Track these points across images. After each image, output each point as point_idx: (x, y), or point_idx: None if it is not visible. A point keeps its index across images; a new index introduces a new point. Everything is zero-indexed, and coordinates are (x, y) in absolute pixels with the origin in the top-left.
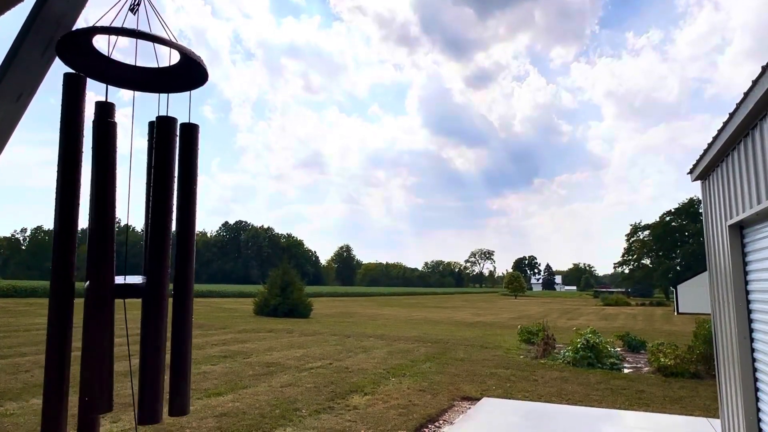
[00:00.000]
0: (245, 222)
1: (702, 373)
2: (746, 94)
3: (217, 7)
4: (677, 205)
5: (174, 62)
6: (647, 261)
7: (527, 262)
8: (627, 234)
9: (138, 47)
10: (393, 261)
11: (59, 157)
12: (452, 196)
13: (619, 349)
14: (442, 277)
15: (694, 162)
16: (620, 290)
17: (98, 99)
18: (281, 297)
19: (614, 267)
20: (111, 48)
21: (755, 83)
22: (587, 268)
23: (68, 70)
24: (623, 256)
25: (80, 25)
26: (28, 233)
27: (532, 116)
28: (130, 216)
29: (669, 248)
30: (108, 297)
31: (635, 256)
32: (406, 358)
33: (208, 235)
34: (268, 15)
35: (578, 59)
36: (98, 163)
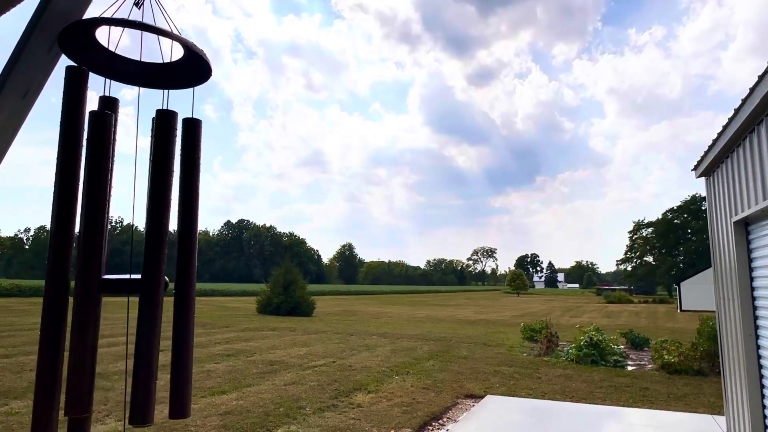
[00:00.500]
0: (247, 221)
1: (706, 371)
2: (752, 90)
3: (218, 6)
4: (680, 203)
5: (177, 58)
6: (650, 258)
7: (529, 260)
8: (630, 231)
9: (140, 45)
10: (395, 259)
11: (58, 153)
12: (454, 194)
13: (623, 347)
14: (445, 275)
15: (699, 158)
16: (623, 288)
17: (102, 98)
18: (284, 295)
19: (617, 264)
20: (116, 43)
21: (761, 78)
22: (590, 266)
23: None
24: (626, 254)
25: None
26: (32, 233)
27: (534, 114)
28: (135, 216)
29: (672, 245)
30: (93, 292)
31: (638, 254)
32: (410, 356)
33: (211, 234)
34: (269, 13)
35: (580, 56)
36: (91, 154)
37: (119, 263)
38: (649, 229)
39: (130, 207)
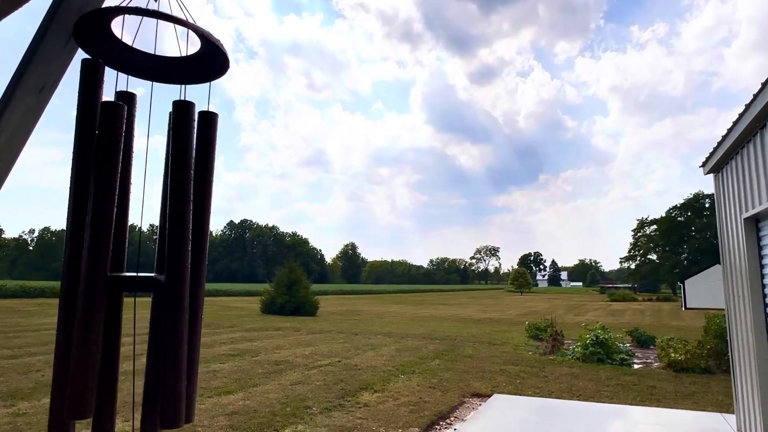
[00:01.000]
0: (250, 221)
1: (713, 368)
2: (764, 85)
3: (219, 6)
4: (683, 200)
5: (193, 51)
6: (654, 256)
7: (533, 259)
8: (633, 229)
9: (154, 37)
10: (398, 258)
11: (74, 148)
12: (457, 193)
13: (628, 345)
14: (448, 274)
15: (707, 155)
16: (626, 286)
17: (118, 93)
18: (288, 295)
19: (620, 262)
20: (132, 35)
21: None
22: (593, 264)
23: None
24: (629, 252)
25: None
26: (36, 234)
27: (537, 112)
28: (144, 215)
29: (675, 243)
30: (99, 289)
31: (641, 252)
32: (415, 356)
33: (214, 234)
34: (270, 13)
35: (583, 54)
36: (100, 146)
37: (143, 263)
38: (653, 227)
39: (139, 203)
